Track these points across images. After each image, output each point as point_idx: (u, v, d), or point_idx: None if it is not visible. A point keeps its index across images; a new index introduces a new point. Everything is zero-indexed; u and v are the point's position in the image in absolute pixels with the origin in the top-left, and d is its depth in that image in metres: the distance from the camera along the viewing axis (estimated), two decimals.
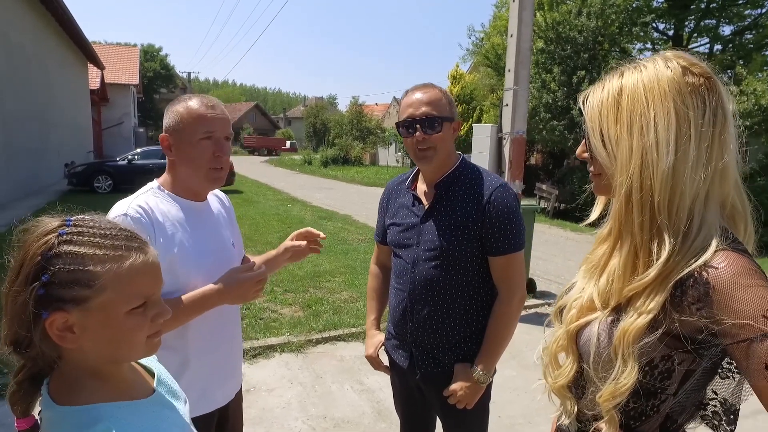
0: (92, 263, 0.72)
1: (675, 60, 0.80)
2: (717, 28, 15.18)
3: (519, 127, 4.97)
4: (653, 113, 0.77)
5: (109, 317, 0.74)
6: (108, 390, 0.78)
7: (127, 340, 0.78)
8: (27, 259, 0.72)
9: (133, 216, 1.29)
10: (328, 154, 28.61)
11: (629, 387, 0.78)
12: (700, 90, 0.78)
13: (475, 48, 21.31)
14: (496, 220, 1.47)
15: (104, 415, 0.72)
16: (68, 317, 0.72)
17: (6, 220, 8.54)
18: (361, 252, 7.05)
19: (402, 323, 1.60)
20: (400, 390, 1.74)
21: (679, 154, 0.76)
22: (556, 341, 0.92)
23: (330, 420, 2.94)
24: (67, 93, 16.39)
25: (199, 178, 1.41)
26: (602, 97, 0.84)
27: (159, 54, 45.12)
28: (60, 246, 0.72)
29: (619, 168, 0.80)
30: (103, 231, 0.76)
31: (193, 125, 1.37)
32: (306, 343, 3.96)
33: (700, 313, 0.73)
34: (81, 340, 0.73)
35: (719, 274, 0.72)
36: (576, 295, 0.93)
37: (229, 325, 1.54)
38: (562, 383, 0.91)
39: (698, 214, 0.78)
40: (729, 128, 0.79)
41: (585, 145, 0.89)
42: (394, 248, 1.64)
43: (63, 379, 0.77)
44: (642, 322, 0.77)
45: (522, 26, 4.92)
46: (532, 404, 3.14)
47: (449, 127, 1.51)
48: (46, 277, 0.70)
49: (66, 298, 0.71)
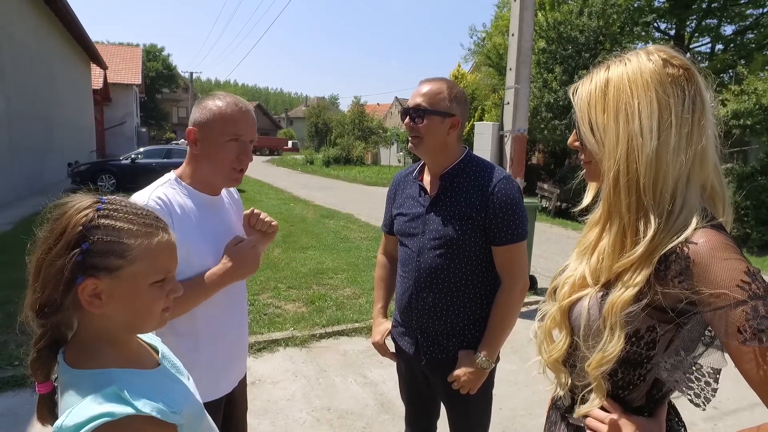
0: (127, 237, 0.80)
1: (656, 53, 0.87)
2: (718, 28, 15.20)
3: (520, 125, 5.02)
4: (637, 102, 0.84)
5: (136, 287, 0.82)
6: (120, 357, 0.84)
7: (147, 309, 0.85)
8: (68, 228, 0.78)
9: (153, 207, 1.33)
10: (330, 153, 28.67)
11: (616, 354, 0.85)
12: (679, 80, 0.84)
13: (476, 48, 21.35)
14: (499, 211, 1.52)
15: (116, 378, 0.78)
16: (98, 284, 0.79)
17: (11, 218, 8.60)
18: (363, 250, 7.11)
19: (408, 310, 1.65)
20: (406, 376, 1.79)
21: (662, 139, 0.83)
22: (550, 317, 0.99)
23: (334, 411, 2.99)
24: (71, 92, 16.47)
25: (219, 176, 1.46)
26: (590, 88, 0.91)
27: (161, 54, 45.26)
28: (99, 219, 0.80)
29: (607, 153, 0.87)
30: (134, 210, 0.84)
31: (222, 126, 1.40)
32: (310, 338, 4.01)
33: (681, 285, 0.80)
34: (106, 306, 0.80)
35: (698, 249, 0.79)
36: (568, 273, 0.99)
37: (237, 313, 1.58)
38: (556, 357, 0.97)
39: (680, 195, 0.84)
40: (707, 115, 0.85)
41: (576, 135, 0.96)
42: (400, 237, 1.69)
43: (79, 345, 0.84)
44: (629, 294, 0.84)
45: (523, 25, 4.97)
46: (533, 397, 3.19)
47: (440, 120, 1.55)
48: (86, 245, 0.77)
49: (100, 266, 0.78)
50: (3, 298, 4.46)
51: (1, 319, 4.03)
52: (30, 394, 3.01)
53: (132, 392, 0.76)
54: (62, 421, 0.73)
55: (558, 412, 1.07)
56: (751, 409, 3.00)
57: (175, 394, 0.87)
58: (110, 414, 0.72)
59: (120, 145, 24.06)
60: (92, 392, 0.75)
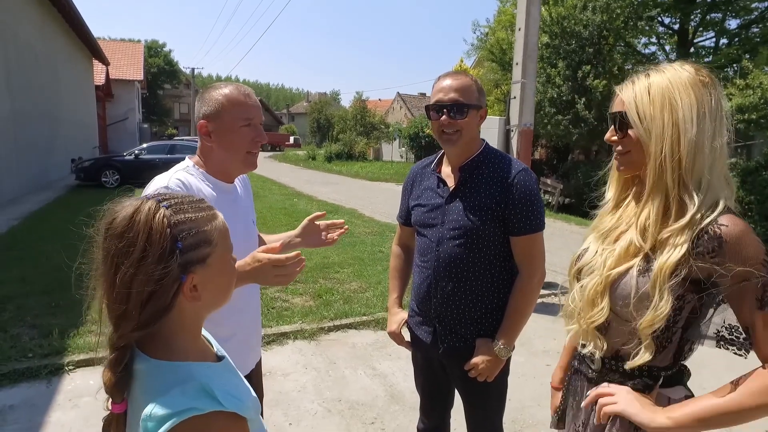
0: (203, 224, 0.81)
1: (687, 65, 1.07)
2: (723, 22, 15.10)
3: (526, 119, 5.03)
4: (679, 97, 1.01)
5: (224, 265, 0.85)
6: (194, 350, 0.85)
7: (229, 285, 0.89)
8: (153, 234, 0.75)
9: (174, 189, 1.35)
10: (332, 149, 28.62)
11: (666, 313, 0.97)
12: (707, 85, 1.03)
13: (479, 43, 21.22)
14: (519, 202, 1.55)
15: (196, 373, 0.79)
16: (194, 277, 0.80)
17: (18, 214, 8.65)
18: (368, 244, 7.14)
19: (426, 299, 1.67)
20: (422, 366, 1.82)
21: (699, 128, 1.00)
22: (593, 287, 1.08)
23: (345, 402, 3.02)
24: (74, 89, 16.49)
25: (236, 162, 1.48)
26: (636, 89, 1.07)
27: (163, 50, 45.12)
28: (173, 216, 0.78)
29: (654, 139, 1.03)
30: (190, 198, 0.85)
31: (233, 113, 1.43)
32: (318, 331, 4.05)
33: (713, 261, 0.96)
34: (203, 296, 0.82)
35: (729, 231, 0.96)
36: (590, 257, 1.13)
37: (251, 294, 1.62)
38: (599, 322, 1.08)
39: (708, 178, 1.01)
40: (724, 118, 1.04)
41: (613, 130, 1.12)
42: (419, 228, 1.71)
43: (157, 336, 0.81)
44: (676, 254, 0.97)
45: (530, 20, 4.97)
46: (540, 389, 3.23)
47: (475, 113, 1.60)
48: (180, 245, 0.76)
49: (195, 260, 0.79)
50: (14, 292, 4.51)
51: (13, 312, 4.07)
52: (44, 384, 3.06)
53: (215, 387, 0.76)
54: (150, 411, 0.73)
55: (584, 378, 1.18)
56: None
57: (241, 388, 0.88)
58: (198, 408, 0.73)
59: (122, 142, 24.10)
60: (176, 385, 0.75)
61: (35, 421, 2.69)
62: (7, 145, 9.94)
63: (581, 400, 1.17)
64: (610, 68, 13.71)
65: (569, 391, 1.25)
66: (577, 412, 1.19)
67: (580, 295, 1.12)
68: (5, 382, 3.05)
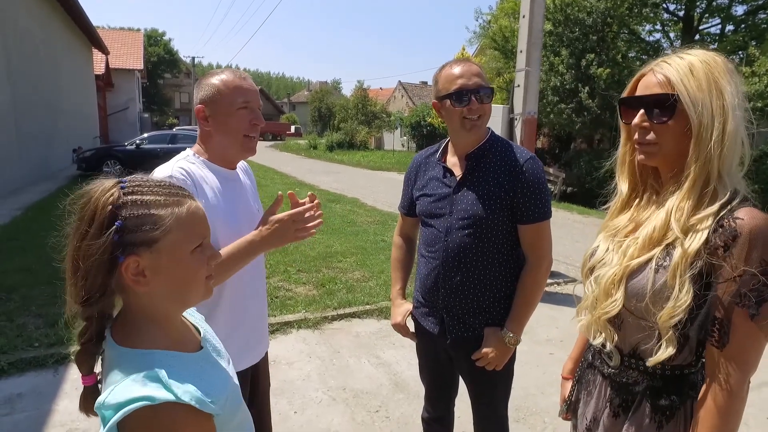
0: (156, 208, 0.80)
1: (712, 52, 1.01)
2: (729, 8, 14.89)
3: (530, 107, 4.99)
4: (723, 81, 0.96)
5: (178, 256, 0.82)
6: (164, 338, 0.84)
7: (193, 278, 0.85)
8: (98, 210, 0.78)
9: (178, 178, 1.35)
10: (333, 138, 28.52)
11: (687, 304, 0.93)
12: (734, 72, 1.00)
13: (482, 31, 21.00)
14: (527, 190, 1.54)
15: (158, 361, 0.79)
16: (140, 261, 0.79)
17: (20, 204, 8.66)
18: (371, 233, 7.14)
19: (434, 290, 1.66)
20: (428, 357, 1.82)
21: (737, 114, 0.96)
22: (610, 278, 1.05)
23: (349, 391, 3.05)
24: (74, 79, 16.41)
25: (235, 147, 1.48)
26: (680, 69, 0.98)
27: (162, 39, 44.78)
28: (126, 196, 0.79)
29: (706, 126, 0.96)
30: (158, 182, 0.85)
31: (230, 96, 1.43)
32: (322, 320, 4.06)
33: (723, 256, 0.92)
34: (152, 283, 0.81)
35: (743, 225, 0.92)
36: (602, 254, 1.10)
37: (258, 280, 1.62)
38: (613, 313, 1.04)
39: (732, 168, 0.98)
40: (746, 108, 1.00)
41: (644, 115, 1.03)
42: (424, 218, 1.70)
43: (126, 324, 0.84)
44: (697, 241, 0.94)
45: (534, 7, 4.91)
46: (544, 377, 3.24)
47: (491, 98, 1.59)
48: (119, 223, 0.77)
49: (137, 242, 0.78)
50: (18, 282, 4.53)
51: (19, 302, 4.10)
52: (51, 373, 3.09)
53: (173, 378, 0.75)
54: (104, 398, 0.73)
55: (598, 373, 1.15)
56: (759, 389, 3.04)
57: (214, 381, 0.86)
58: (150, 398, 0.72)
59: (123, 131, 24.03)
60: (134, 372, 0.75)
61: (43, 409, 2.71)
62: (9, 134, 9.92)
63: (594, 394, 1.16)
64: (614, 56, 13.58)
65: (581, 384, 1.23)
66: (589, 406, 1.17)
67: (595, 285, 1.08)
68: (13, 371, 3.08)
